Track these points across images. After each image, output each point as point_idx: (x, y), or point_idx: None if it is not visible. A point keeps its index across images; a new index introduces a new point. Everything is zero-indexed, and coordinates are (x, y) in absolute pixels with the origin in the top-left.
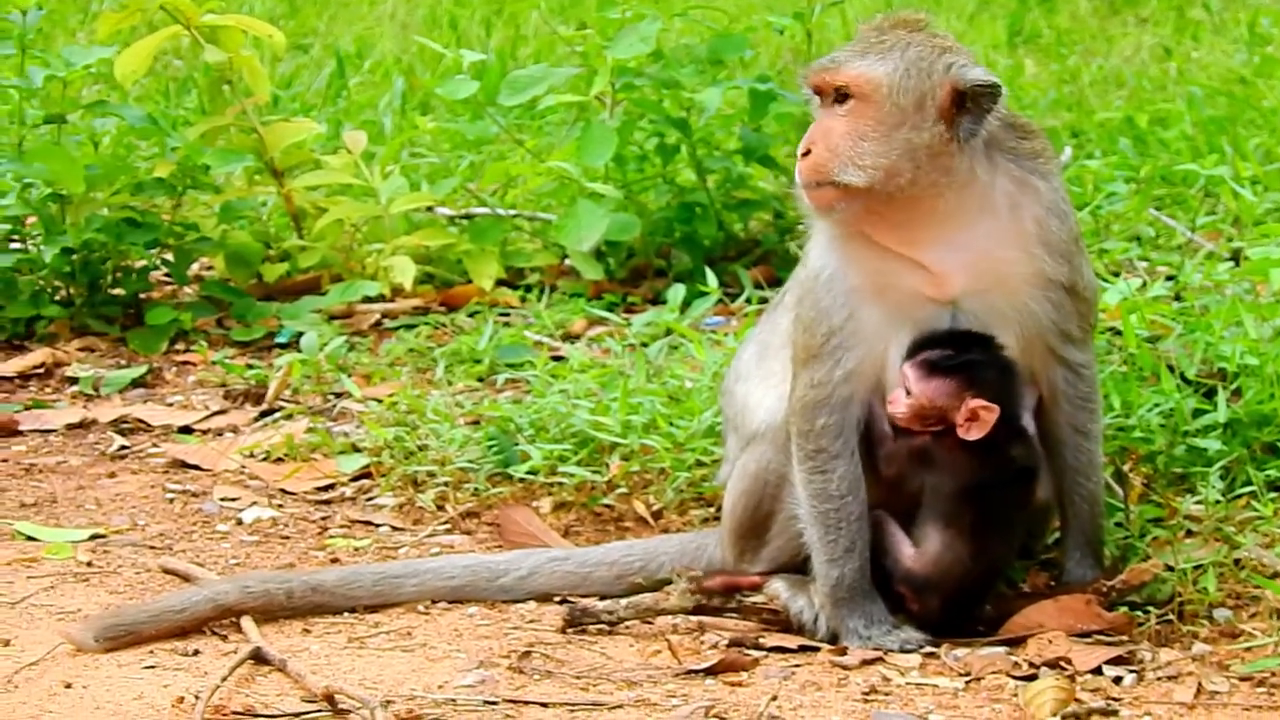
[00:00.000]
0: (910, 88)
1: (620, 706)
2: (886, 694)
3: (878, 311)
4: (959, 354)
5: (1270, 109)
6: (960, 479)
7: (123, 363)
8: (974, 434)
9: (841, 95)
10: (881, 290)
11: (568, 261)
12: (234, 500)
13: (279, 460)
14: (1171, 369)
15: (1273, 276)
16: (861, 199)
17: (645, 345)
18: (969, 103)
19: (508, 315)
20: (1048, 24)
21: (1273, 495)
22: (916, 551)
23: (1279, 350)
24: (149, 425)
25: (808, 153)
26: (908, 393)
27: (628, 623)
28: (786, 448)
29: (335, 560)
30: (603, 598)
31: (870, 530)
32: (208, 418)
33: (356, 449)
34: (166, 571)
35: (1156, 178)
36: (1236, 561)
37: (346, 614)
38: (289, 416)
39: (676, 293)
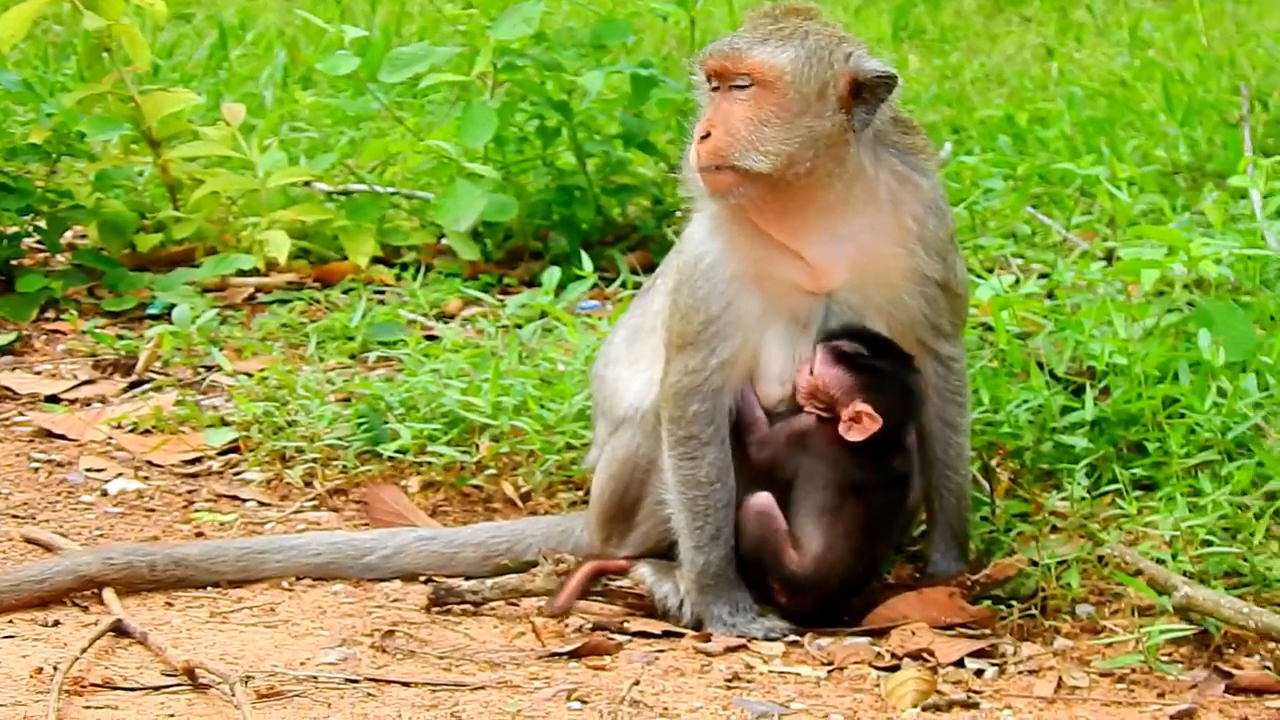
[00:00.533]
0: (813, 76)
1: (483, 688)
2: (749, 681)
3: (756, 301)
4: (872, 357)
5: (1149, 112)
6: (834, 470)
7: None
8: (853, 435)
9: (744, 79)
10: (760, 280)
11: (444, 241)
12: (100, 471)
13: (147, 432)
14: (1041, 366)
15: (1144, 277)
16: (759, 185)
17: (519, 327)
18: (865, 93)
19: (382, 293)
20: (932, 20)
21: (1137, 493)
22: (798, 553)
23: (1148, 350)
24: (16, 393)
25: (706, 136)
26: (811, 371)
27: (493, 604)
28: (655, 433)
29: (200, 534)
30: (468, 578)
31: (754, 525)
32: (76, 387)
33: (225, 423)
34: (28, 541)
35: (1034, 176)
36: (1100, 558)
37: (210, 588)
38: (158, 388)
39: (552, 275)
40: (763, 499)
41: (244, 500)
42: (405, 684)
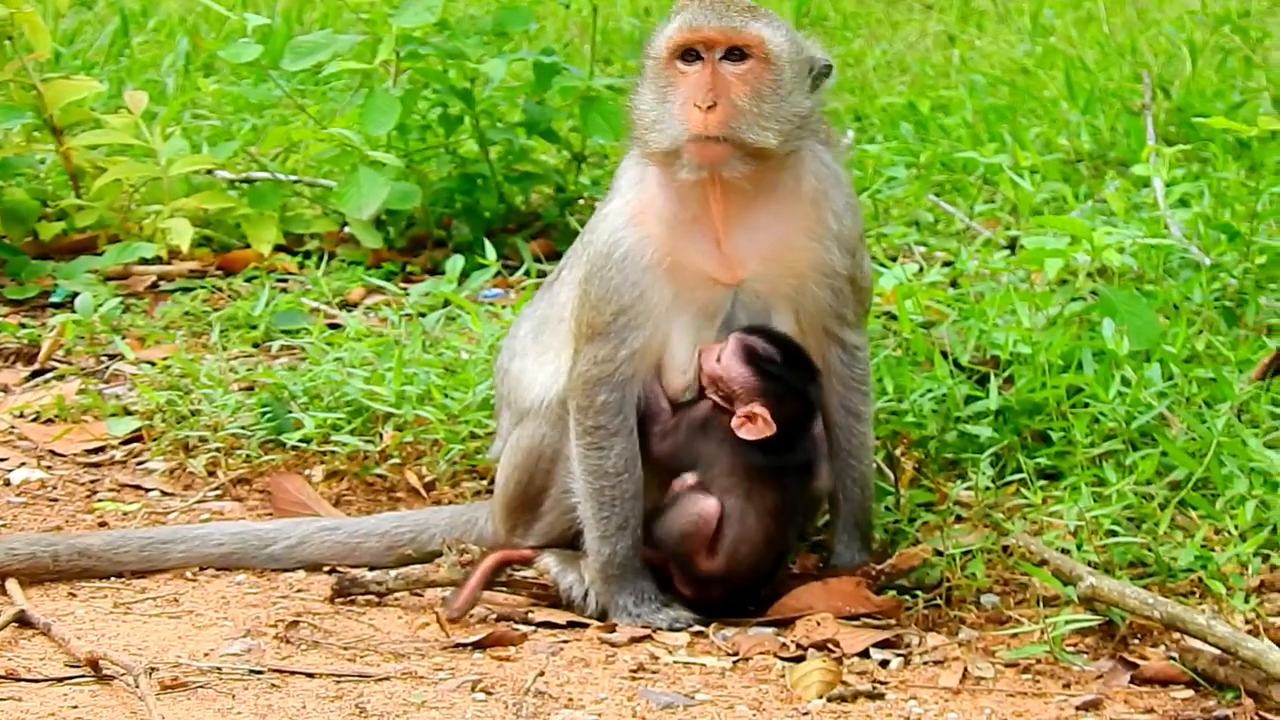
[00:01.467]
0: (798, 58)
1: (387, 678)
2: (654, 672)
3: (667, 291)
4: (781, 363)
5: (1051, 99)
6: (736, 456)
7: None
8: (744, 433)
9: (738, 53)
10: (672, 270)
11: (347, 229)
12: (2, 461)
13: (49, 421)
14: (945, 355)
15: (1047, 266)
16: (751, 161)
17: (423, 315)
18: (818, 80)
19: (285, 281)
20: (834, 7)
21: (1042, 483)
22: (710, 553)
23: (1051, 339)
24: None
25: (711, 106)
26: (718, 359)
27: (397, 594)
28: (560, 423)
29: (103, 524)
30: (372, 568)
31: (687, 525)
32: None
33: (128, 412)
34: None
35: (937, 164)
36: (1005, 548)
37: (113, 579)
38: (61, 377)
39: (455, 264)
40: (709, 506)
41: (147, 490)
42: (310, 675)
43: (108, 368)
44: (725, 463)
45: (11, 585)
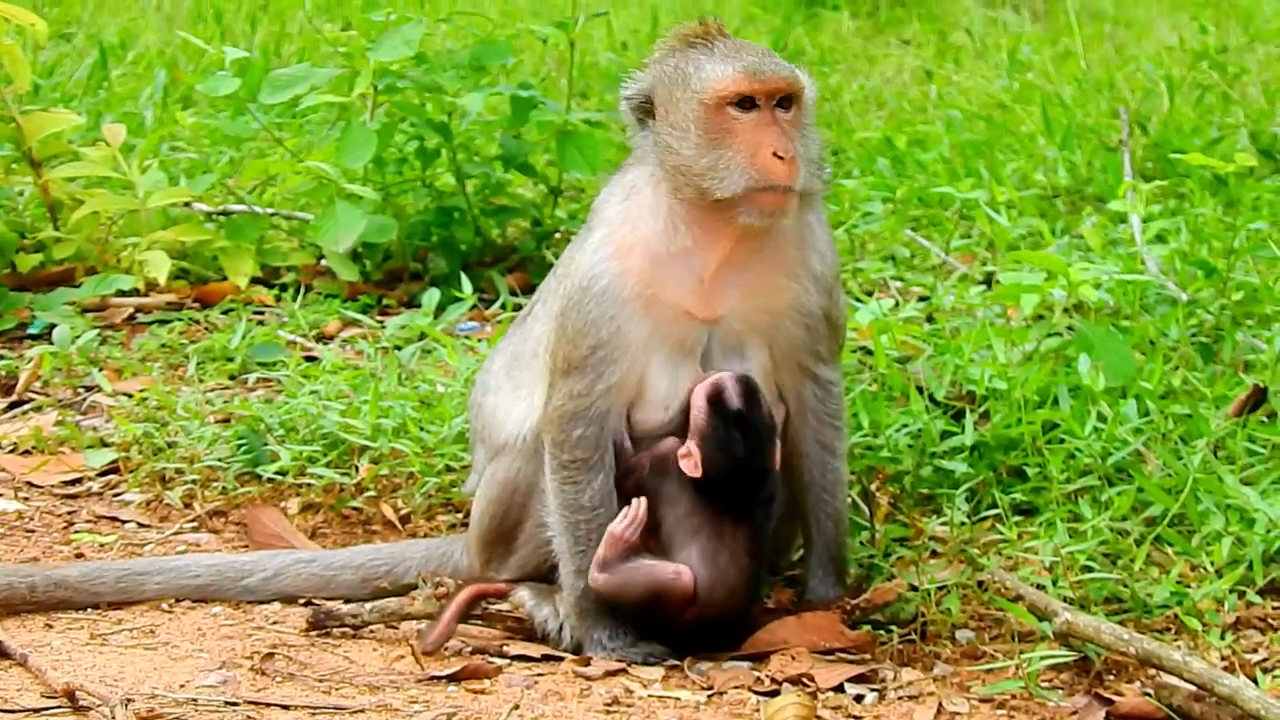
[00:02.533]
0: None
1: (362, 711)
2: (629, 706)
3: (644, 326)
4: (735, 420)
5: (1028, 135)
6: (696, 494)
7: None
8: (681, 464)
9: (787, 100)
10: (651, 304)
11: (324, 262)
12: None
13: (26, 452)
14: (921, 390)
15: (1023, 302)
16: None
17: (398, 348)
18: None
19: (262, 314)
20: (811, 41)
21: (1017, 519)
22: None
23: (1027, 375)
24: None
25: (786, 155)
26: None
27: (372, 627)
28: (535, 458)
29: (80, 555)
30: (348, 601)
31: (643, 589)
32: None
33: (105, 444)
34: None
35: (913, 199)
36: (980, 583)
37: (90, 610)
38: (38, 408)
39: (431, 297)
40: (683, 577)
41: (124, 521)
42: (285, 707)
43: (85, 399)
44: (689, 502)
45: None
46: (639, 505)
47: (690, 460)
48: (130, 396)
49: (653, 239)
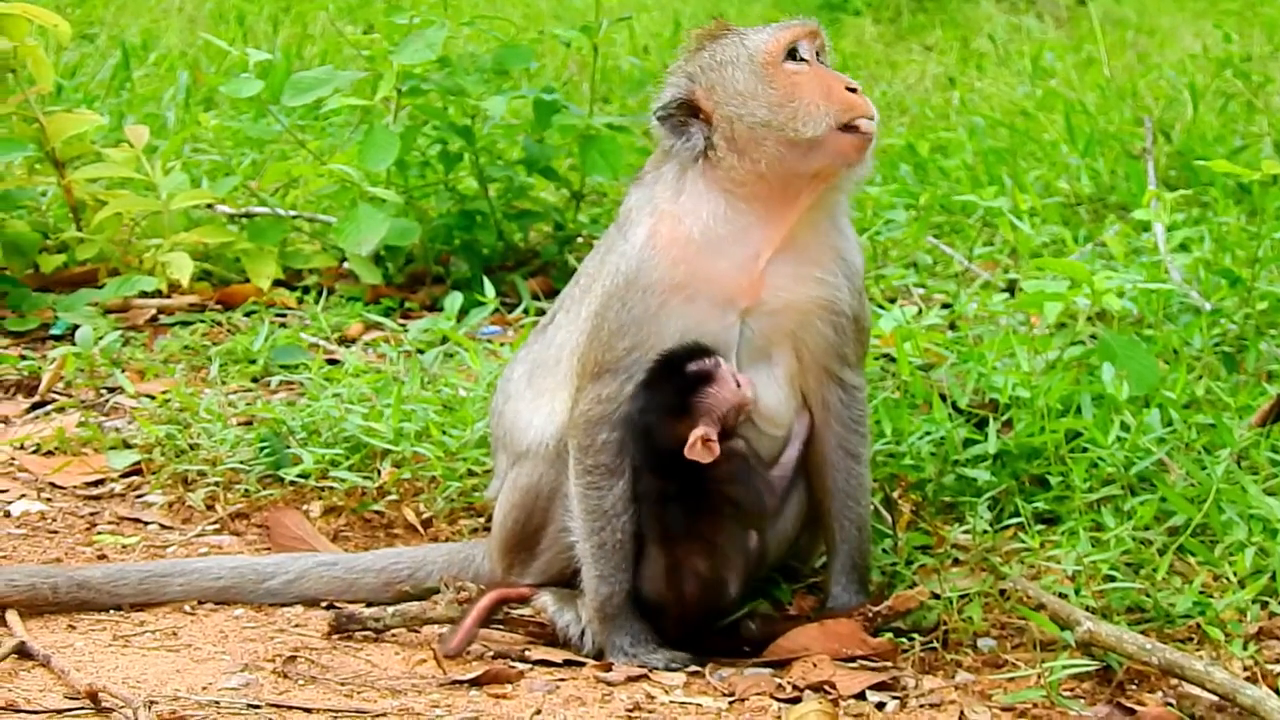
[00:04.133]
0: None
1: (384, 714)
2: (650, 711)
3: (681, 325)
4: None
5: (1051, 142)
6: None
7: None
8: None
9: (821, 52)
10: (691, 299)
11: (346, 265)
12: (2, 492)
13: (49, 453)
14: (944, 398)
15: (1047, 310)
16: None
17: (421, 352)
18: None
19: (284, 316)
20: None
21: (1040, 527)
22: (648, 575)
23: (1050, 383)
24: None
25: (853, 90)
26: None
27: (394, 630)
28: (557, 463)
29: (103, 556)
30: (370, 604)
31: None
32: None
33: (128, 445)
34: None
35: (936, 206)
36: (1002, 592)
37: (112, 611)
38: (61, 409)
39: (454, 300)
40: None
41: (146, 523)
42: (307, 710)
43: (107, 400)
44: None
45: (11, 617)
46: None
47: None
48: (153, 398)
49: (707, 227)
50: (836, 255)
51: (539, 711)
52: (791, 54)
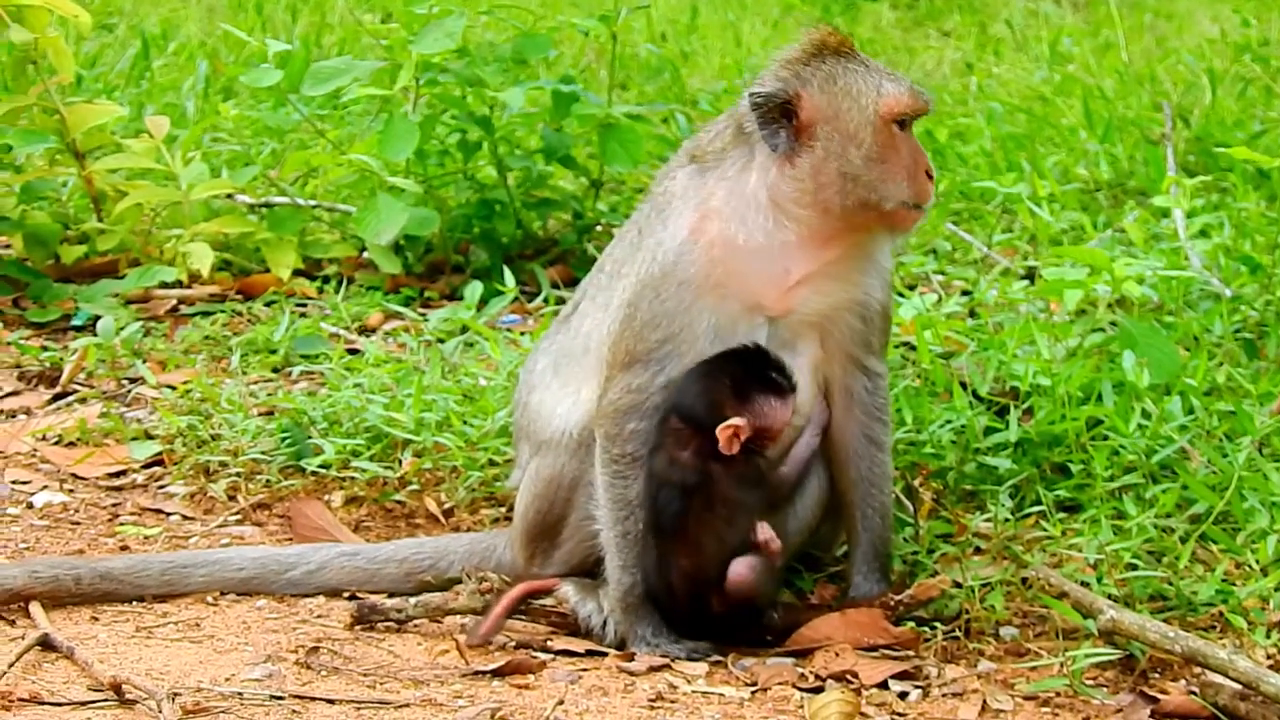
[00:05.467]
0: None
1: (407, 705)
2: (672, 701)
3: (712, 321)
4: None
5: (1069, 127)
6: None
7: None
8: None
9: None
10: (724, 298)
11: (366, 254)
12: (25, 483)
13: (71, 444)
14: (964, 386)
15: (1067, 297)
16: None
17: (441, 342)
18: None
19: (304, 306)
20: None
21: (1061, 515)
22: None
23: (1071, 371)
24: None
25: (931, 176)
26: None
27: (416, 621)
28: (580, 453)
29: (125, 547)
30: (392, 595)
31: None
32: (1, 399)
33: (149, 436)
34: None
35: (955, 192)
36: (1024, 580)
37: (135, 602)
38: (83, 400)
39: (474, 290)
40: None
41: (168, 514)
42: (330, 701)
43: (129, 391)
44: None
45: (35, 608)
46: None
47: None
48: (174, 389)
49: (751, 235)
50: (869, 261)
51: (561, 702)
52: (902, 121)
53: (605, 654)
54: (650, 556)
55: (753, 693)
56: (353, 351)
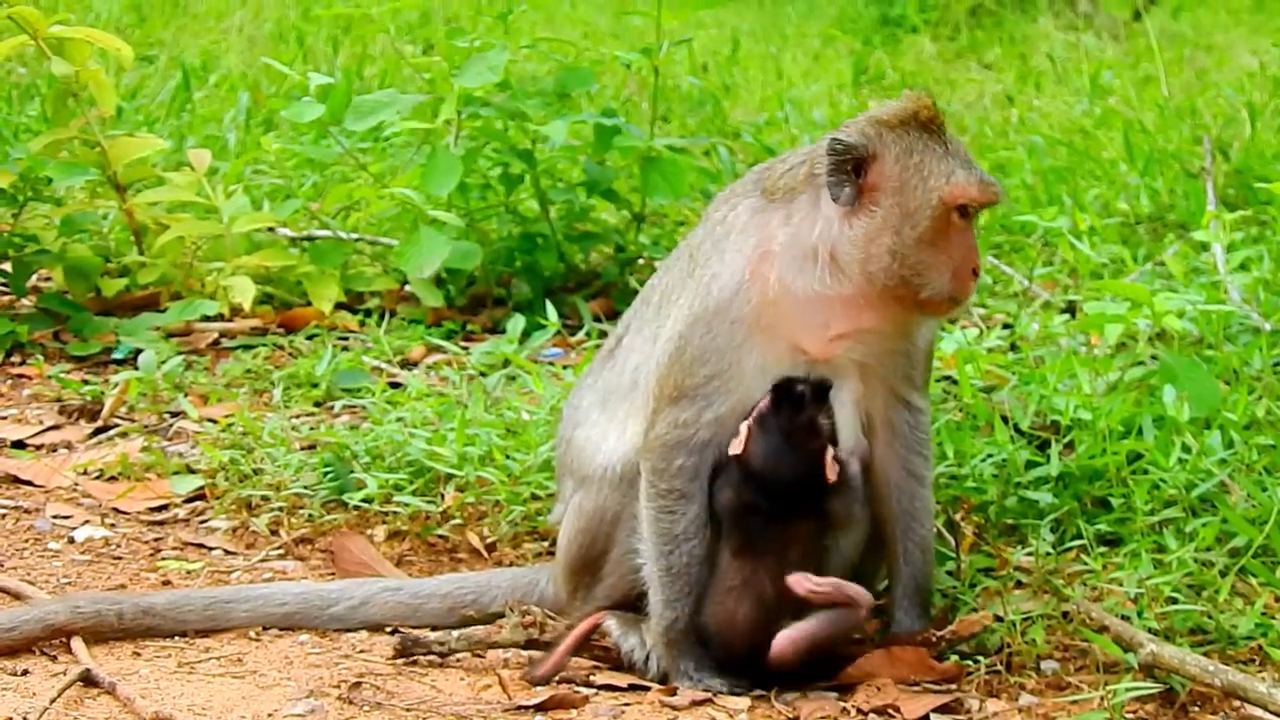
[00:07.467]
0: None
1: None
2: None
3: (760, 359)
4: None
5: (1110, 161)
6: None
7: None
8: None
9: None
10: (774, 338)
11: (408, 287)
12: (66, 518)
13: (113, 479)
14: (1005, 420)
15: (1107, 331)
16: None
17: (484, 375)
18: None
19: (346, 339)
20: (892, 65)
21: (1102, 549)
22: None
23: (1112, 405)
24: None
25: (976, 274)
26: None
27: (459, 655)
28: (623, 488)
29: (167, 582)
30: (435, 629)
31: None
32: (42, 433)
33: (191, 470)
34: None
35: (996, 225)
36: (1065, 614)
37: (177, 637)
38: (124, 434)
39: (516, 323)
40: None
41: (210, 549)
42: None
43: (171, 425)
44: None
45: (77, 644)
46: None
47: (737, 439)
48: (216, 422)
49: (806, 284)
50: (907, 329)
51: None
52: (965, 210)
53: (648, 688)
54: (720, 585)
55: None
56: (395, 385)
